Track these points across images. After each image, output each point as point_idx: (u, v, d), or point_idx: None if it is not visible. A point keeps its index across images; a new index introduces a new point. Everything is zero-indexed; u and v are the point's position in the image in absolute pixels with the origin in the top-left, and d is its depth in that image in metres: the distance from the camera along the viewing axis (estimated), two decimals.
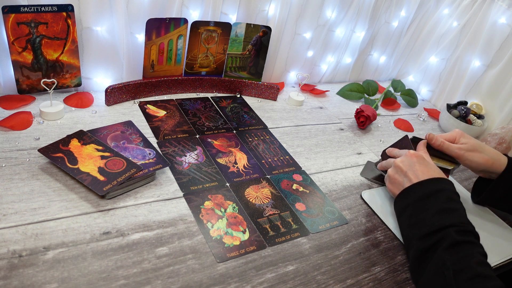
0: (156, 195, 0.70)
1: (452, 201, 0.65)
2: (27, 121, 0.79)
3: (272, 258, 0.63)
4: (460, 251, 0.58)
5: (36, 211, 0.61)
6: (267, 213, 0.72)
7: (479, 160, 0.77)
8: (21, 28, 0.77)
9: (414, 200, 0.68)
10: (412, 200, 0.68)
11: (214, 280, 0.57)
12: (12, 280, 0.51)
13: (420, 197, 0.67)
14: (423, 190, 0.68)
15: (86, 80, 0.92)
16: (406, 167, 0.72)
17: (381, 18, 1.24)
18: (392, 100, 1.26)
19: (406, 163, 0.73)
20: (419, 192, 0.68)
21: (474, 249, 0.59)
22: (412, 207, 0.67)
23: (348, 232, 0.73)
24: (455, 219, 0.62)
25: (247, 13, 1.02)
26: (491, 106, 1.17)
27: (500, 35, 1.12)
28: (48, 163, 0.70)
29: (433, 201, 0.65)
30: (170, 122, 0.90)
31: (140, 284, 0.54)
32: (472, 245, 0.59)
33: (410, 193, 0.69)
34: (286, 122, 1.02)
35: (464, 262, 0.56)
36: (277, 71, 1.17)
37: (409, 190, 0.69)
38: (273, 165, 0.85)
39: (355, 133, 1.05)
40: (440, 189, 0.67)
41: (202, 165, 0.79)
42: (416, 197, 0.67)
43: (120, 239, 0.60)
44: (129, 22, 0.89)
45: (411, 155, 0.74)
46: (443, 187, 0.67)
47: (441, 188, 0.67)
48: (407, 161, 0.73)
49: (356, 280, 0.63)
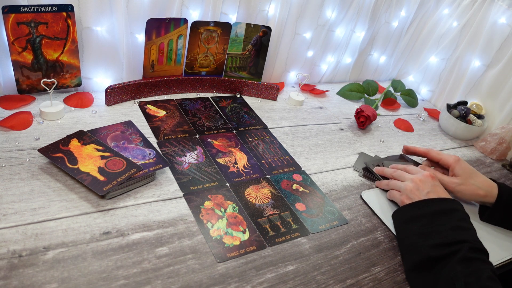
0: (156, 195, 0.70)
1: (465, 221, 0.69)
2: (27, 121, 0.79)
3: (272, 258, 0.63)
4: (472, 265, 0.60)
5: (36, 211, 0.61)
6: (267, 213, 0.72)
7: (471, 194, 0.80)
8: (21, 28, 0.77)
9: (430, 212, 0.69)
10: (428, 212, 0.70)
11: (214, 280, 0.57)
12: (12, 280, 0.51)
13: (437, 211, 0.69)
14: (441, 205, 0.70)
15: (86, 80, 0.92)
16: (428, 187, 0.74)
17: (381, 18, 1.24)
18: (392, 100, 1.26)
19: (428, 184, 0.75)
20: (437, 206, 0.70)
21: (486, 265, 0.61)
22: (426, 219, 0.69)
23: (348, 232, 0.73)
24: (469, 236, 0.65)
25: (247, 13, 1.02)
26: (491, 106, 1.17)
27: (500, 35, 1.12)
28: (48, 163, 0.70)
29: (449, 217, 0.68)
30: (170, 122, 0.90)
31: (140, 284, 0.54)
32: (483, 262, 0.61)
33: (428, 205, 0.71)
34: (286, 122, 1.02)
35: (475, 275, 0.58)
36: (277, 71, 1.17)
37: (426, 202, 0.72)
38: (273, 165, 0.85)
39: (355, 133, 1.05)
40: (456, 209, 0.70)
41: (202, 165, 0.79)
42: (432, 210, 0.70)
43: (120, 239, 0.60)
44: (129, 22, 0.89)
45: (432, 177, 0.77)
46: (458, 208, 0.71)
47: (456, 208, 0.70)
48: (428, 182, 0.75)
49: (356, 280, 0.63)
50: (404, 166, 0.84)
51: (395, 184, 0.79)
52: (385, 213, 0.78)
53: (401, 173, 0.81)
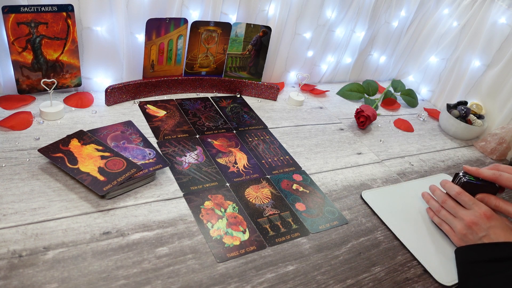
0: (156, 195, 0.70)
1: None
2: (27, 121, 0.79)
3: (272, 258, 0.63)
4: None
5: (36, 211, 0.61)
6: (267, 213, 0.72)
7: None
8: (21, 28, 0.77)
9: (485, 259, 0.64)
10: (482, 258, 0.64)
11: (214, 280, 0.57)
12: (12, 280, 0.51)
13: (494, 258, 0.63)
14: (502, 252, 0.63)
15: (86, 80, 0.92)
16: (481, 232, 0.67)
17: (381, 18, 1.24)
18: (392, 100, 1.26)
19: (482, 227, 0.67)
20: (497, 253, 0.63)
21: None
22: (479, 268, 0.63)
23: (348, 232, 0.73)
24: None
25: (247, 13, 1.02)
26: (491, 106, 1.17)
27: (500, 35, 1.12)
28: (48, 163, 0.70)
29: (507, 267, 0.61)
30: (170, 122, 0.90)
31: (140, 284, 0.54)
32: None
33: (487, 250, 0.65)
34: (286, 122, 1.02)
35: None
36: (277, 71, 1.17)
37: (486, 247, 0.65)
38: (273, 165, 0.85)
39: (355, 133, 1.05)
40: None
41: (202, 165, 0.79)
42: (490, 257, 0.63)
43: (120, 239, 0.60)
44: (129, 22, 0.89)
45: (488, 217, 0.67)
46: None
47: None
48: (482, 224, 0.67)
49: (356, 280, 0.63)
50: (457, 191, 0.73)
51: (446, 218, 0.74)
52: (385, 213, 0.78)
53: (452, 205, 0.72)
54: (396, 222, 0.76)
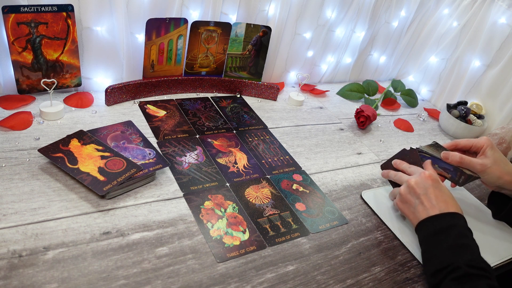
0: (156, 195, 0.70)
1: (464, 237, 0.64)
2: (27, 121, 0.79)
3: (272, 258, 0.63)
4: (468, 282, 0.57)
5: (36, 211, 0.61)
6: (267, 213, 0.72)
7: (498, 178, 0.75)
8: (21, 28, 0.77)
9: (425, 235, 0.66)
10: (423, 235, 0.67)
11: (214, 280, 0.57)
12: (12, 280, 0.51)
13: (431, 232, 0.65)
14: (438, 224, 0.66)
15: (86, 80, 0.92)
16: (420, 190, 0.69)
17: (381, 18, 1.24)
18: (392, 100, 1.26)
19: (420, 185, 0.70)
20: (433, 227, 0.66)
21: (483, 280, 0.57)
22: (425, 243, 0.66)
23: (348, 232, 0.73)
24: (467, 256, 0.60)
25: (247, 13, 1.02)
26: (491, 106, 1.17)
27: (500, 35, 1.12)
28: (48, 163, 0.70)
29: (446, 236, 0.64)
30: (170, 122, 0.90)
31: (140, 284, 0.54)
32: (481, 278, 0.58)
33: (423, 228, 0.67)
34: (286, 122, 1.02)
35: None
36: (277, 71, 1.17)
37: (421, 225, 0.68)
38: (273, 165, 0.85)
39: (355, 133, 1.05)
40: (453, 225, 0.65)
41: (202, 165, 0.79)
42: (431, 230, 0.66)
43: (120, 239, 0.60)
44: (129, 22, 0.89)
45: (426, 177, 0.70)
46: (456, 223, 0.65)
47: (454, 224, 0.65)
48: (421, 183, 0.70)
49: (356, 280, 0.63)
50: (407, 165, 0.77)
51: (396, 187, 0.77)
52: (385, 213, 0.78)
53: (400, 175, 0.76)
54: (396, 222, 0.76)
